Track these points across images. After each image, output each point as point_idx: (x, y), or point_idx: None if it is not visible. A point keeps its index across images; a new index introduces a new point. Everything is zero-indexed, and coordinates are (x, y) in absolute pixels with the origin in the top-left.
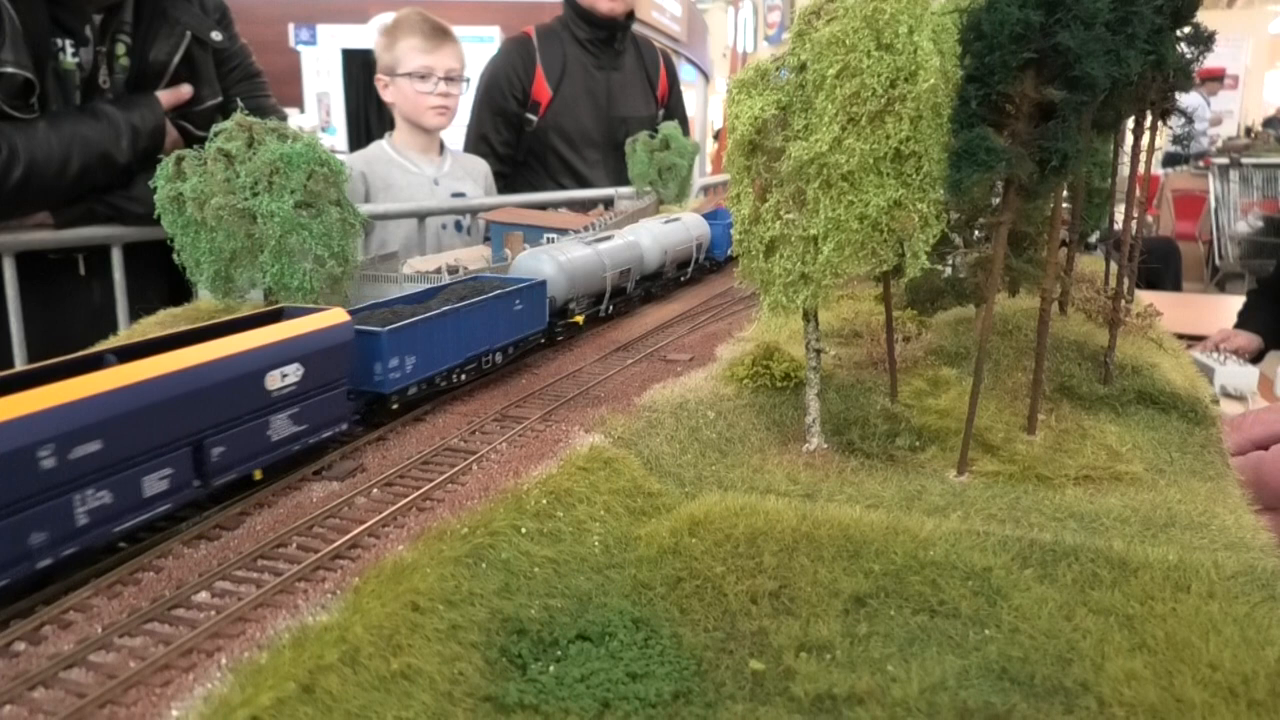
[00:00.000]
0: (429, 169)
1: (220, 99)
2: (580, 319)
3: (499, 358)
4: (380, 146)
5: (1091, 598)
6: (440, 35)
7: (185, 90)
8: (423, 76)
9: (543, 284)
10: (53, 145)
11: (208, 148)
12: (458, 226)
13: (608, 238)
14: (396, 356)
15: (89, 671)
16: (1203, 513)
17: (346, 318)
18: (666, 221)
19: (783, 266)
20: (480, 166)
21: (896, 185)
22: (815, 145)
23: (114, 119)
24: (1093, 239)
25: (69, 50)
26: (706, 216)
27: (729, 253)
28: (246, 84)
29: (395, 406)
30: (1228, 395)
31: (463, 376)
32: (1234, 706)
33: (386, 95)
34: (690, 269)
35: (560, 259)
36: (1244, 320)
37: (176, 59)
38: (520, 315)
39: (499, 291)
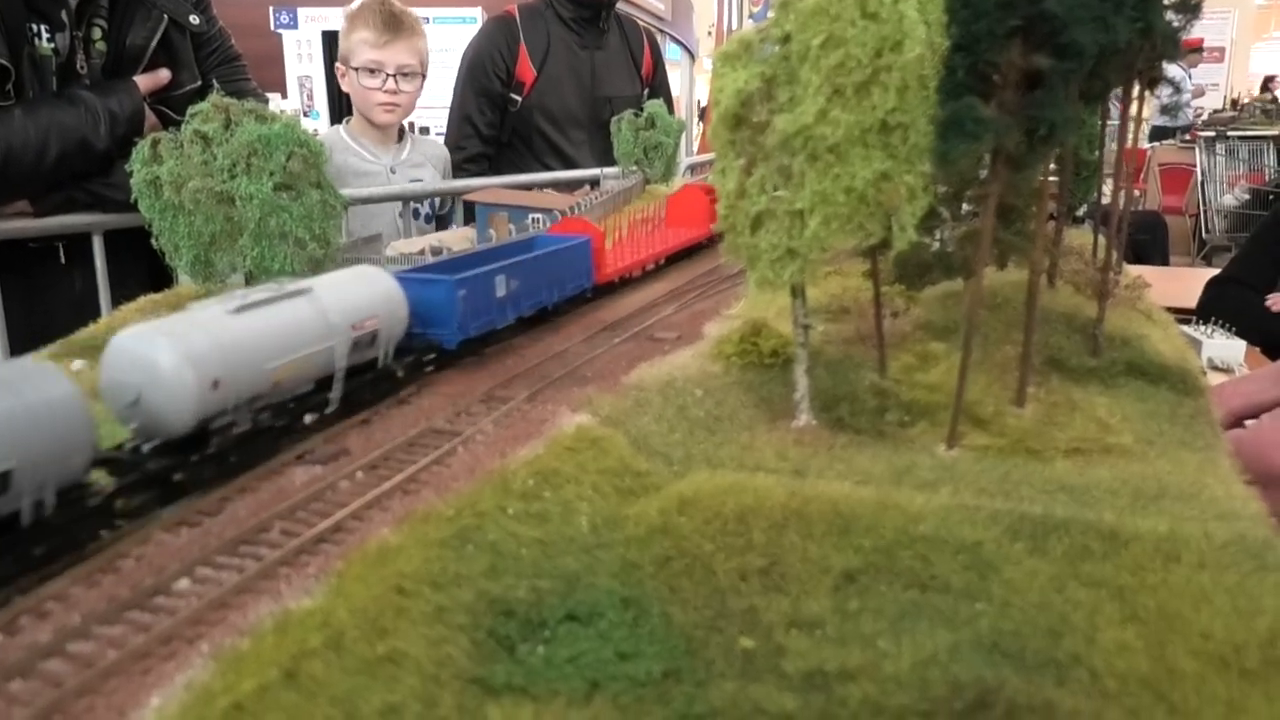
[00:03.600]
0: (385, 157)
1: (199, 84)
2: None
3: None
4: (336, 133)
5: (1083, 570)
6: (394, 29)
7: (163, 75)
8: (372, 71)
9: None
10: (30, 132)
11: (184, 130)
12: (415, 214)
13: None
14: None
15: (67, 661)
16: (1193, 483)
17: None
18: (241, 308)
19: (769, 241)
20: (440, 152)
21: (883, 157)
22: (801, 117)
23: (92, 105)
24: (1080, 212)
25: (45, 36)
26: (430, 269)
27: (483, 327)
28: (226, 68)
29: None
30: (1215, 369)
31: None
32: (1226, 676)
33: (343, 85)
34: (334, 396)
35: None
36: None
37: (154, 43)
38: None
39: None
